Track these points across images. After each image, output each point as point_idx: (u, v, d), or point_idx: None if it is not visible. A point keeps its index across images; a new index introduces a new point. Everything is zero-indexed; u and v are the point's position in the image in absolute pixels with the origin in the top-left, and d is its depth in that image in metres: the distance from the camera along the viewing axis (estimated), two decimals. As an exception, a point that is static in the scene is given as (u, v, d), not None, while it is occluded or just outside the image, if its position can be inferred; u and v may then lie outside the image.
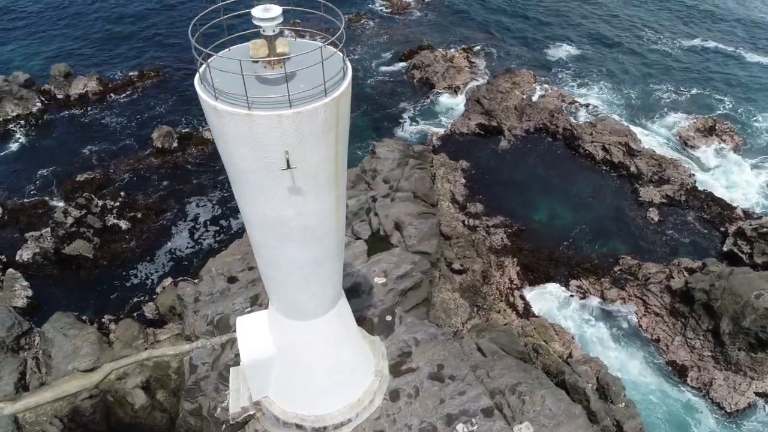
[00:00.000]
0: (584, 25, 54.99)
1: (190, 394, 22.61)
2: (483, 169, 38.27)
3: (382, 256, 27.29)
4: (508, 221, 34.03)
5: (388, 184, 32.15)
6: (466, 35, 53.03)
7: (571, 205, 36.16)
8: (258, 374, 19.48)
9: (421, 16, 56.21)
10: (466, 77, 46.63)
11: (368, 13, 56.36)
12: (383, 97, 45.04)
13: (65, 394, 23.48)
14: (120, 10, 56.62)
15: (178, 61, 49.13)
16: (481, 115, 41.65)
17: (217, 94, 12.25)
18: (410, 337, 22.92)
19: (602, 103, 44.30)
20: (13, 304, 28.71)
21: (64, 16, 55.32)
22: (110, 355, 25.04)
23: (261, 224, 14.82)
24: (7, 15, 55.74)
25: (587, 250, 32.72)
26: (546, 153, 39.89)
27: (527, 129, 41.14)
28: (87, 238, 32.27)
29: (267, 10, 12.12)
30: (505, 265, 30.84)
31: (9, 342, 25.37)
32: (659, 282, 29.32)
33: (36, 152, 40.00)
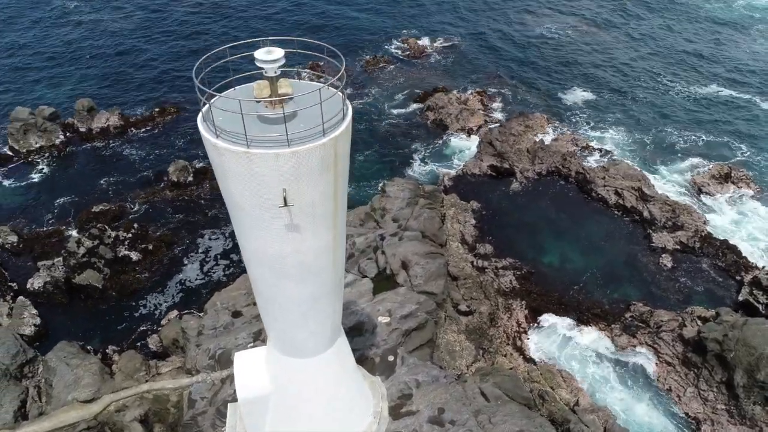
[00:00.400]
0: (598, 71, 55.50)
1: (187, 429, 22.36)
2: (494, 211, 38.22)
3: (387, 295, 27.13)
4: (518, 263, 33.73)
5: (396, 223, 32.22)
6: (481, 79, 53.80)
7: (582, 249, 35.78)
8: (254, 411, 19.23)
9: (437, 60, 57.29)
10: (479, 120, 47.09)
11: (386, 55, 57.63)
12: (396, 138, 45.60)
13: (63, 425, 23.36)
14: (144, 48, 58.68)
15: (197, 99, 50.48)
16: (494, 156, 41.86)
17: (218, 132, 12.57)
18: (411, 378, 22.54)
19: (615, 147, 44.29)
20: (21, 331, 28.97)
21: (90, 54, 57.45)
22: (111, 386, 24.98)
23: (259, 260, 14.91)
24: (37, 51, 58.09)
25: (598, 295, 32.18)
26: (558, 196, 39.76)
27: (539, 172, 41.17)
28: (98, 268, 32.68)
29: (269, 53, 12.52)
30: (513, 308, 30.43)
31: (12, 370, 25.47)
32: (671, 330, 28.62)
33: (56, 183, 41.01)
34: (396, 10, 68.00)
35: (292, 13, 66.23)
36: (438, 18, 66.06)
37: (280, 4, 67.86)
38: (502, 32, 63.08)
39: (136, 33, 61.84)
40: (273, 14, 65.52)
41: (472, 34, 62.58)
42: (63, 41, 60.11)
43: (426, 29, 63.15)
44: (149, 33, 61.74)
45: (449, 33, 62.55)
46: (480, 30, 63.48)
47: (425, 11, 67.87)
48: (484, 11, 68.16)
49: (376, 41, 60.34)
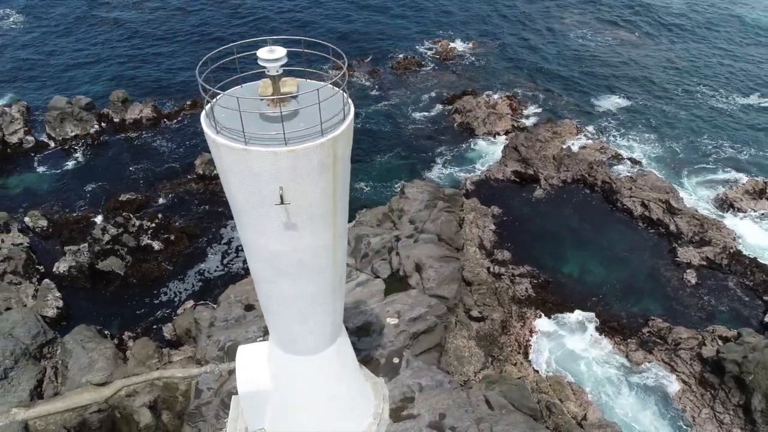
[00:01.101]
0: (632, 78, 54.18)
1: (191, 418, 22.78)
2: (515, 217, 37.73)
3: (397, 296, 27.08)
4: (536, 271, 33.24)
5: (413, 225, 32.12)
6: (512, 83, 53.16)
7: (603, 261, 35.03)
8: (254, 406, 19.44)
9: (468, 63, 56.84)
10: (507, 124, 46.56)
11: (416, 56, 57.48)
12: (421, 139, 45.46)
13: (76, 406, 24.07)
14: (181, 43, 59.96)
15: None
16: (518, 162, 41.32)
17: (219, 128, 12.74)
18: (415, 382, 22.43)
19: (645, 157, 43.19)
20: (43, 313, 29.96)
21: (128, 48, 58.99)
22: (123, 371, 25.62)
23: (258, 256, 15.07)
24: (79, 44, 59.96)
25: (616, 308, 31.46)
26: (582, 205, 39.01)
27: (564, 179, 40.46)
28: (120, 255, 33.55)
29: (271, 51, 12.62)
30: (526, 317, 30.00)
31: (32, 350, 26.37)
32: (690, 348, 27.77)
33: (88, 170, 42.25)
34: (429, 13, 67.73)
35: (324, 15, 66.61)
36: (471, 21, 65.53)
37: (314, 8, 68.31)
38: (536, 37, 62.20)
39: (173, 28, 63.18)
40: (306, 17, 65.97)
41: (506, 37, 61.89)
42: (103, 35, 61.88)
43: (459, 32, 62.72)
44: (187, 29, 63.01)
45: (482, 36, 62.00)
46: (514, 33, 62.74)
47: (459, 14, 67.41)
48: (519, 15, 67.32)
49: (408, 43, 60.24)
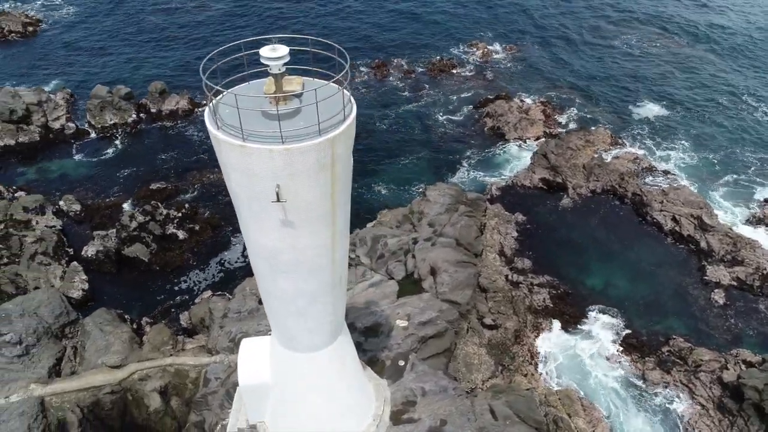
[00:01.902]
0: (674, 87, 52.46)
1: (197, 406, 23.24)
2: (539, 225, 37.06)
3: (409, 299, 26.98)
4: (556, 282, 32.57)
5: (432, 228, 31.93)
6: (547, 88, 52.20)
7: (628, 275, 34.03)
8: (254, 398, 19.71)
9: (504, 66, 56.10)
10: (538, 130, 45.77)
11: (452, 59, 57.06)
12: (449, 142, 45.12)
13: (90, 386, 24.85)
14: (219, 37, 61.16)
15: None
16: (547, 169, 40.57)
17: (220, 124, 12.93)
18: (418, 386, 22.31)
19: (680, 170, 41.76)
20: (69, 294, 31.05)
21: (168, 40, 60.51)
22: (138, 355, 26.33)
23: (257, 252, 15.24)
24: (124, 34, 61.91)
25: (637, 325, 30.52)
26: (610, 216, 38.01)
27: (593, 189, 39.51)
28: (146, 243, 34.47)
29: (274, 50, 12.73)
30: (542, 327, 29.44)
31: (54, 329, 27.36)
32: (711, 371, 26.74)
33: (123, 158, 43.55)
34: (467, 16, 67.08)
35: (360, 17, 66.71)
36: (510, 25, 64.62)
37: (351, 10, 68.58)
38: (575, 41, 60.92)
39: (213, 23, 64.48)
40: (342, 19, 66.18)
41: (544, 42, 60.83)
42: (149, 28, 63.68)
43: (497, 34, 61.97)
44: (226, 23, 64.21)
45: (520, 40, 61.09)
46: (553, 38, 61.58)
47: (498, 16, 66.58)
48: (559, 19, 66.01)
49: (445, 45, 59.84)
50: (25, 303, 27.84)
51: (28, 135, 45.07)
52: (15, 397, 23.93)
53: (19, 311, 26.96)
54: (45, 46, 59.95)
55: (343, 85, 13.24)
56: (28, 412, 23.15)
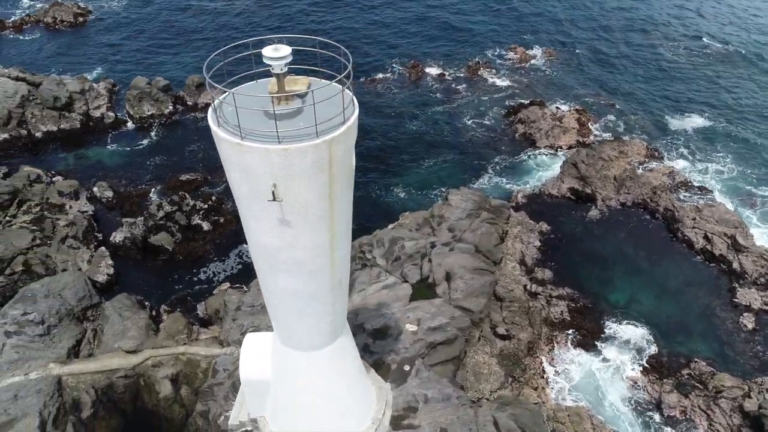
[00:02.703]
0: (721, 99, 50.49)
1: (203, 396, 23.63)
2: (564, 236, 36.24)
3: (421, 303, 26.79)
4: (576, 295, 31.79)
5: (451, 233, 31.62)
6: (584, 96, 51.03)
7: (654, 292, 32.95)
8: (255, 393, 19.93)
9: (541, 72, 55.10)
10: (571, 139, 44.78)
11: (489, 62, 56.41)
12: (478, 147, 44.59)
13: (105, 369, 25.59)
14: (261, 32, 62.09)
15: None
16: (576, 179, 39.65)
17: (221, 122, 13.09)
18: (420, 392, 22.12)
19: (717, 186, 40.19)
20: (95, 278, 32.03)
21: (209, 34, 61.78)
22: (153, 342, 26.97)
23: (256, 249, 15.38)
24: (168, 28, 63.55)
25: (658, 344, 29.51)
26: (639, 231, 36.86)
27: (623, 202, 38.41)
28: (171, 232, 35.27)
29: (276, 50, 12.79)
30: (557, 340, 28.80)
31: (77, 311, 28.25)
32: (732, 398, 25.62)
33: (157, 148, 44.67)
34: (508, 18, 66.24)
35: (399, 18, 66.69)
36: (550, 30, 63.46)
37: (393, 6, 68.62)
38: (617, 48, 59.34)
39: (256, 20, 65.51)
40: (381, 19, 66.27)
41: (584, 48, 59.48)
42: (190, 22, 65.19)
43: (536, 40, 60.92)
44: (267, 20, 65.15)
45: (560, 45, 59.91)
46: (593, 45, 60.15)
47: (538, 21, 65.46)
48: (600, 26, 64.40)
49: (482, 47, 59.23)
50: (51, 284, 28.85)
51: (70, 122, 46.70)
52: (34, 374, 24.84)
53: (45, 292, 27.95)
54: (92, 36, 62.08)
55: (345, 85, 13.19)
56: (45, 390, 23.98)
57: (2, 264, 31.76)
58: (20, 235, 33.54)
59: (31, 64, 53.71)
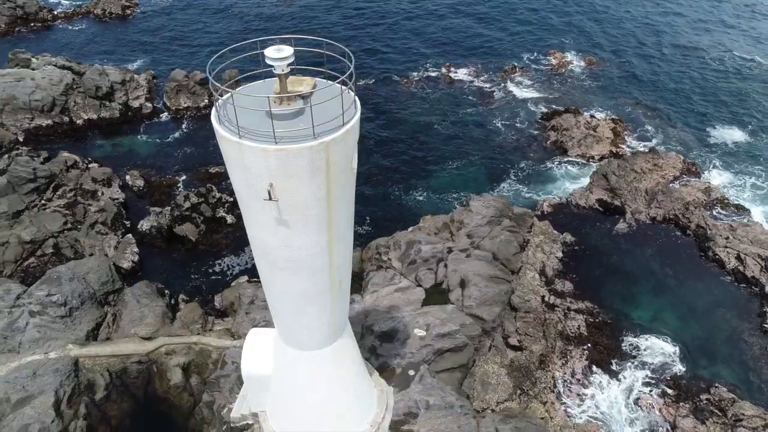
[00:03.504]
0: (766, 111, 48.38)
1: (210, 386, 24.03)
2: (588, 248, 35.35)
3: (432, 309, 26.59)
4: (595, 309, 30.96)
5: (470, 239, 31.27)
6: (621, 105, 49.70)
7: (679, 312, 31.80)
8: (256, 388, 20.16)
9: (580, 78, 53.91)
10: (604, 149, 43.68)
11: (524, 66, 55.55)
12: (507, 152, 43.96)
13: (120, 353, 26.34)
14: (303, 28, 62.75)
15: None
16: (605, 191, 38.64)
17: (222, 119, 13.26)
18: (422, 398, 21.95)
19: (755, 205, 38.50)
20: (120, 264, 32.99)
21: (250, 30, 62.82)
22: (167, 330, 27.59)
23: (256, 246, 15.53)
24: (212, 23, 64.85)
25: (679, 366, 28.45)
26: (668, 247, 35.66)
27: (654, 216, 37.22)
28: (196, 223, 36.00)
29: (278, 51, 12.88)
30: (571, 355, 28.11)
31: (99, 295, 29.17)
32: (753, 428, 24.52)
33: (190, 140, 45.66)
34: (548, 23, 65.09)
35: (444, 16, 66.37)
36: (589, 35, 62.05)
37: (435, 8, 68.35)
38: (659, 59, 57.53)
39: (297, 18, 66.26)
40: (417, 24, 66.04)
41: (626, 55, 57.94)
42: (232, 20, 66.42)
43: (577, 45, 59.69)
44: (305, 22, 65.82)
45: (601, 51, 58.53)
46: (635, 54, 58.51)
47: (578, 27, 64.08)
48: (644, 35, 62.57)
49: (519, 51, 58.44)
50: (76, 268, 29.86)
51: (110, 111, 48.23)
52: (53, 354, 25.77)
53: (70, 275, 28.92)
54: (137, 28, 63.97)
55: (348, 86, 13.20)
56: (61, 369, 24.84)
57: (34, 245, 33.06)
58: (53, 219, 34.81)
59: (77, 54, 55.75)
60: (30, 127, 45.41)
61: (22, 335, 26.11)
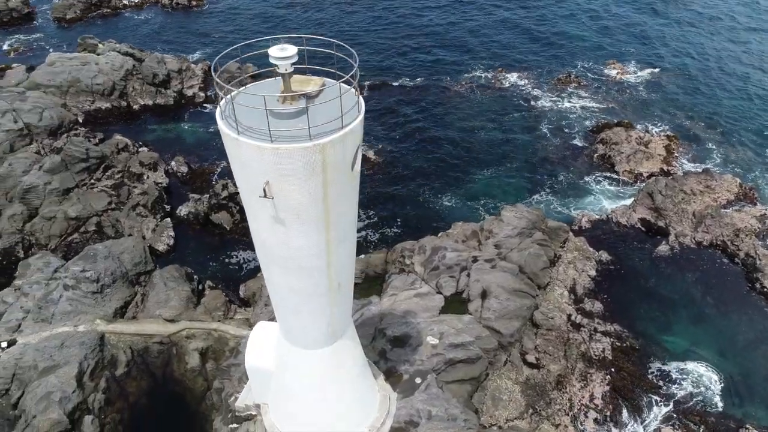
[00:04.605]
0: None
1: (221, 373, 24.55)
2: (624, 268, 33.89)
3: (448, 318, 26.18)
4: (624, 333, 29.65)
5: (497, 250, 30.58)
6: (678, 121, 47.34)
7: (717, 345, 30.02)
8: (258, 380, 20.42)
9: (637, 91, 51.73)
10: (654, 166, 41.75)
11: (580, 75, 53.82)
12: (550, 163, 42.71)
13: (143, 333, 27.30)
14: (355, 34, 63.14)
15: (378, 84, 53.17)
16: (650, 210, 36.93)
17: (224, 116, 13.47)
18: (425, 408, 21.64)
19: (815, 238, 35.82)
20: (155, 246, 34.22)
21: (313, 25, 63.73)
22: (190, 314, 28.40)
23: (256, 242, 15.70)
24: (272, 15, 66.21)
25: (708, 403, 26.86)
26: (712, 275, 33.71)
27: (699, 241, 35.28)
28: (231, 212, 36.85)
29: (282, 50, 12.94)
30: (592, 379, 27.03)
31: (131, 275, 30.37)
32: (782, 477, 22.85)
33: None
34: (610, 31, 62.80)
35: (495, 26, 65.24)
36: (655, 46, 59.39)
37: (500, 13, 67.30)
38: (722, 77, 54.32)
39: (369, 16, 66.71)
40: (474, 28, 65.19)
41: (690, 69, 55.14)
42: (296, 16, 67.56)
43: (637, 55, 57.34)
44: (370, 22, 66.16)
45: (664, 63, 55.94)
46: (698, 69, 55.51)
47: (643, 36, 61.48)
48: (709, 51, 59.25)
49: (577, 59, 56.67)
50: (113, 247, 31.20)
51: (164, 98, 50.08)
52: (82, 327, 26.99)
53: (106, 253, 30.25)
54: (201, 20, 66.15)
55: (352, 85, 13.15)
56: (87, 343, 25.98)
57: (78, 222, 34.75)
58: (99, 198, 36.49)
59: (140, 41, 58.23)
60: (90, 109, 47.69)
61: (55, 307, 27.49)
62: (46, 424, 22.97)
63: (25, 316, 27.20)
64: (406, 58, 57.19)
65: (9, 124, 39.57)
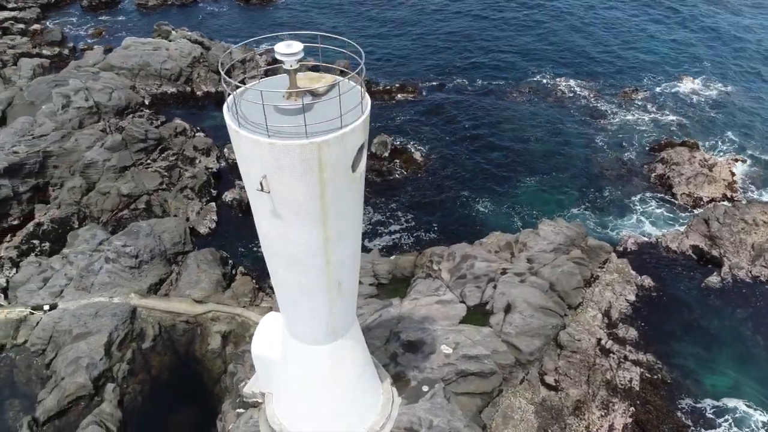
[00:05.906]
0: None
1: (236, 358, 25.14)
2: (668, 297, 32.06)
3: (467, 328, 25.64)
4: (657, 365, 28.05)
5: (529, 264, 29.66)
6: (751, 145, 44.23)
7: (763, 388, 27.92)
8: (264, 369, 20.76)
9: (708, 109, 48.72)
10: (715, 191, 39.23)
11: (648, 89, 51.30)
12: (603, 180, 40.94)
13: (172, 311, 28.40)
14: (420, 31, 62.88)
15: (437, 85, 52.72)
16: (704, 237, 34.73)
17: (229, 109, 13.74)
18: (427, 417, 21.28)
19: None
20: (197, 228, 35.52)
21: (383, 24, 64.11)
22: (218, 298, 29.26)
23: (259, 233, 15.93)
24: (339, 14, 67.11)
25: (742, 449, 25.09)
26: (765, 312, 31.33)
27: (756, 276, 32.84)
28: (273, 202, 37.64)
29: (288, 46, 13.03)
30: (614, 408, 25.73)
31: (169, 254, 31.62)
32: None
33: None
34: (684, 43, 59.42)
35: (578, 30, 63.24)
36: (732, 64, 55.66)
37: (573, 22, 65.30)
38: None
39: (434, 17, 66.51)
40: (551, 32, 63.44)
41: (762, 87, 51.35)
42: (368, 12, 68.14)
43: (712, 71, 53.99)
44: (436, 24, 65.83)
45: (740, 82, 52.40)
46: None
47: (719, 52, 57.74)
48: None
49: (646, 72, 54.06)
50: (156, 225, 32.60)
51: (226, 86, 51.73)
52: (116, 299, 28.40)
53: (148, 231, 31.64)
54: (275, 14, 67.85)
55: (357, 82, 13.10)
56: (120, 314, 27.31)
57: (129, 199, 36.55)
58: (151, 178, 38.23)
59: (211, 31, 60.48)
60: (157, 92, 50.00)
61: (95, 277, 29.06)
62: (72, 387, 24.34)
63: (68, 283, 28.92)
64: (465, 61, 56.47)
65: (80, 102, 42.09)
